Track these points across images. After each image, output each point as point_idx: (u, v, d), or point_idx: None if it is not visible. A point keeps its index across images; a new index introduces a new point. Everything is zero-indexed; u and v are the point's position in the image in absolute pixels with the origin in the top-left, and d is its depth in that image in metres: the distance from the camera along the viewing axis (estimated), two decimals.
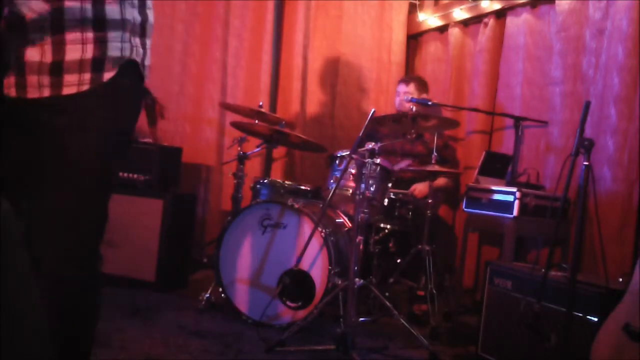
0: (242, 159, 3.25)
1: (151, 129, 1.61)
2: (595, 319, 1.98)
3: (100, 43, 1.29)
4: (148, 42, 1.42)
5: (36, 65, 1.26)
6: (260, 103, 3.34)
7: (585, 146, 1.94)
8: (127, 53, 1.34)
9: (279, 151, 4.36)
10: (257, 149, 3.42)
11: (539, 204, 3.05)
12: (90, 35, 1.27)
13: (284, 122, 3.40)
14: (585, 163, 1.94)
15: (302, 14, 4.35)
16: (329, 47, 4.50)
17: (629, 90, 2.92)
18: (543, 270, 2.06)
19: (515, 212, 2.98)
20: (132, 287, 3.19)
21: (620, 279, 2.10)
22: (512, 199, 3.00)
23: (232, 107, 3.69)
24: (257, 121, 3.24)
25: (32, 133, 1.31)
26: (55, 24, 1.25)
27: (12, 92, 1.28)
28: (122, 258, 3.23)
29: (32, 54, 1.26)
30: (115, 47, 1.31)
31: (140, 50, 1.39)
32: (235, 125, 3.27)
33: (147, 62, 1.42)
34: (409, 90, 3.74)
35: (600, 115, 3.04)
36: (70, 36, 1.26)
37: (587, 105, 2.03)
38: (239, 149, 3.26)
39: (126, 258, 3.24)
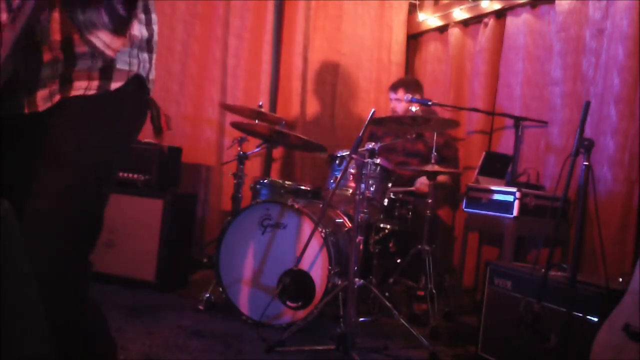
0: (242, 159, 3.25)
1: (157, 138, 1.69)
2: (595, 319, 1.97)
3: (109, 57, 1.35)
4: (154, 57, 1.47)
5: (48, 79, 1.31)
6: (260, 103, 3.34)
7: (585, 146, 1.94)
8: (134, 68, 1.39)
9: (279, 151, 4.36)
10: (257, 149, 3.42)
11: (539, 204, 3.05)
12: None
13: (284, 122, 3.40)
14: (585, 163, 1.94)
15: (302, 14, 4.34)
16: (329, 47, 4.50)
17: (629, 90, 2.92)
18: (543, 270, 2.06)
19: (515, 212, 2.98)
20: (132, 287, 3.19)
21: (620, 279, 2.10)
22: (512, 199, 3.00)
23: (232, 107, 3.69)
24: (257, 121, 3.24)
25: (34, 136, 1.32)
26: (66, 42, 1.30)
27: (23, 109, 1.33)
28: (122, 258, 3.24)
29: (46, 69, 1.31)
30: (124, 61, 1.37)
31: (147, 65, 1.44)
32: (235, 125, 3.26)
33: (151, 77, 1.47)
34: (399, 96, 3.74)
35: (600, 115, 3.04)
36: (81, 49, 1.31)
37: (587, 105, 2.03)
38: (239, 149, 3.26)
39: (126, 258, 3.24)
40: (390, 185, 3.05)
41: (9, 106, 1.32)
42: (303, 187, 3.27)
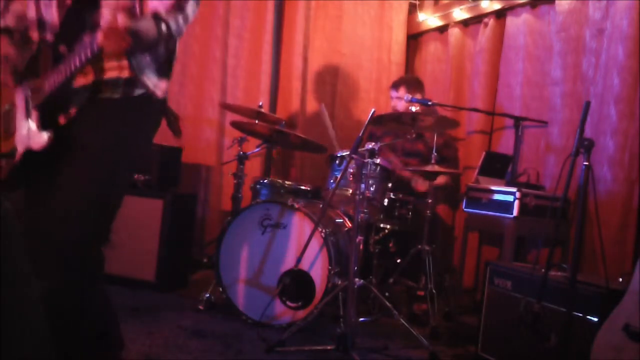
0: (242, 159, 3.25)
1: (177, 138, 1.87)
2: (595, 319, 1.98)
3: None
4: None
5: (80, 92, 1.42)
6: (260, 103, 3.34)
7: (585, 146, 1.94)
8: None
9: (279, 151, 4.36)
10: (257, 149, 3.42)
11: (539, 204, 3.05)
12: (125, 62, 1.44)
13: (284, 122, 3.40)
14: (585, 163, 1.94)
15: (302, 14, 4.34)
16: (329, 47, 4.50)
17: (629, 90, 2.92)
18: (543, 270, 2.06)
19: (515, 212, 2.98)
20: (132, 287, 3.19)
21: (620, 279, 2.10)
22: (512, 199, 3.00)
23: (232, 107, 3.69)
24: (257, 121, 3.24)
25: (58, 145, 1.39)
26: (95, 58, 1.39)
27: (59, 122, 1.43)
28: (122, 258, 3.23)
29: (78, 85, 1.43)
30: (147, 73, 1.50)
31: None
32: (235, 125, 3.27)
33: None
34: (400, 95, 3.74)
35: (600, 115, 3.04)
36: (109, 64, 1.44)
37: (587, 105, 2.03)
38: (239, 149, 3.26)
39: (126, 258, 3.24)
40: (390, 185, 3.05)
41: (48, 121, 1.43)
42: (303, 187, 3.27)
